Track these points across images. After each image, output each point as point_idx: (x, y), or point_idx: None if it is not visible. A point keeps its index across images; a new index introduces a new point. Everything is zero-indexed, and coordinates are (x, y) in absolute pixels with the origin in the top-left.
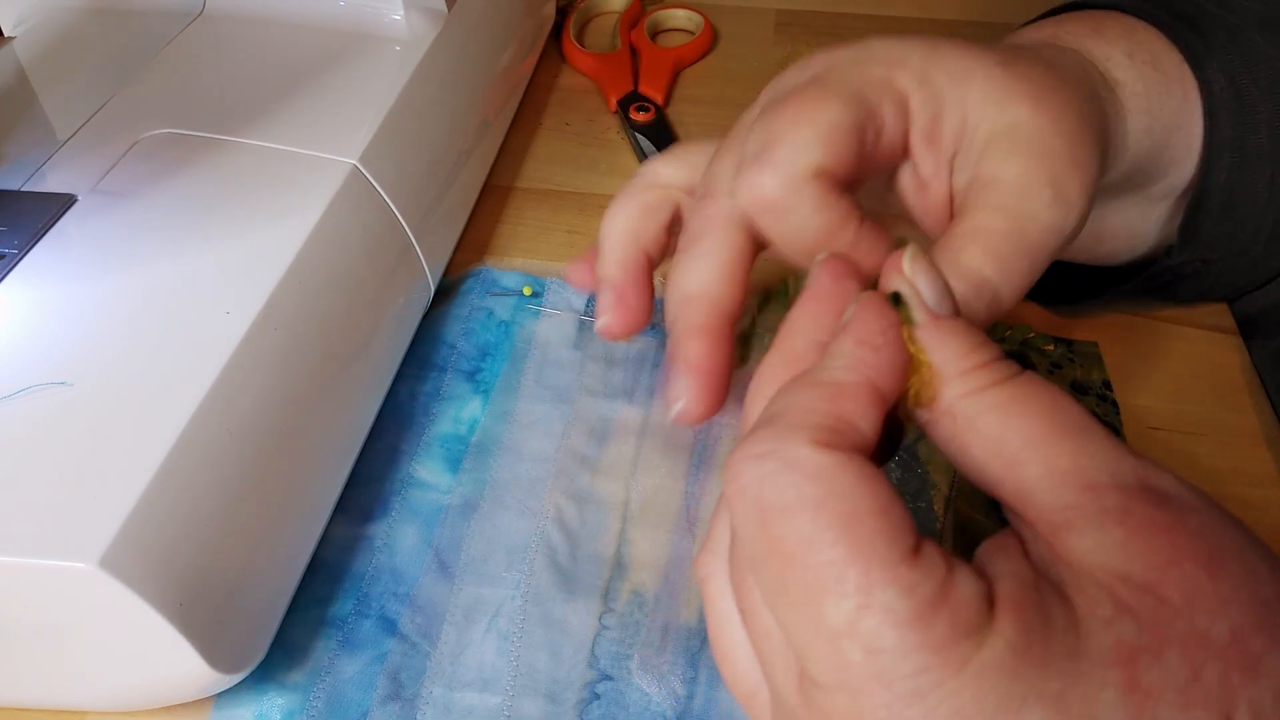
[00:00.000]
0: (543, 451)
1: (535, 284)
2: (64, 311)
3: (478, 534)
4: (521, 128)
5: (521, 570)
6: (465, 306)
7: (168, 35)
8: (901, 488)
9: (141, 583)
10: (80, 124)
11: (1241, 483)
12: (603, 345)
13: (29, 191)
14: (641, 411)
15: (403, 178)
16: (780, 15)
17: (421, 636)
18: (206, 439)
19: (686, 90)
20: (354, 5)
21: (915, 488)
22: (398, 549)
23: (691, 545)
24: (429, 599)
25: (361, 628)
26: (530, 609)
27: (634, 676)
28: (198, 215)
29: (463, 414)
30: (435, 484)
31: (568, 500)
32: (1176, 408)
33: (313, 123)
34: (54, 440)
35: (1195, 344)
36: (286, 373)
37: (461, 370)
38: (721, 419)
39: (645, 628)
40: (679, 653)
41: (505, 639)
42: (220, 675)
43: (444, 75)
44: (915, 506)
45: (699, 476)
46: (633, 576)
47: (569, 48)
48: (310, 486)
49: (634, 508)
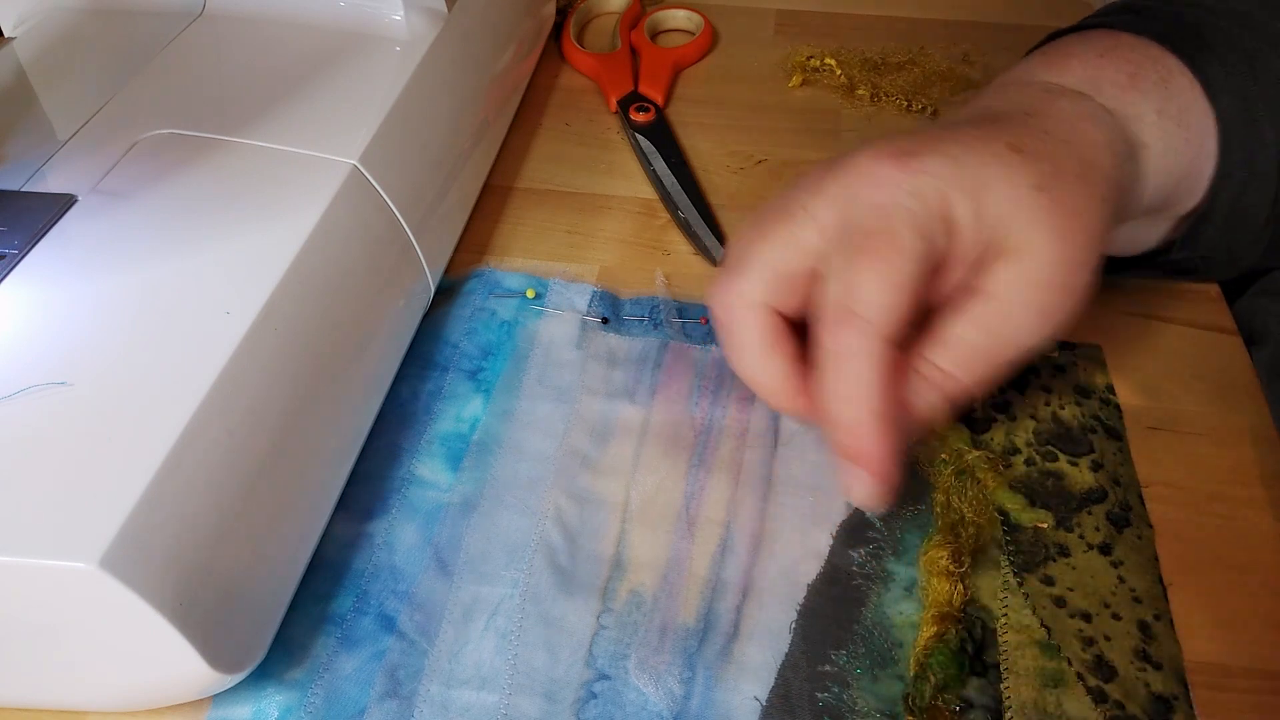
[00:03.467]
0: (543, 451)
1: (538, 285)
2: (64, 311)
3: (477, 532)
4: (521, 128)
5: (520, 569)
6: (468, 306)
7: (168, 35)
8: (901, 490)
9: (141, 583)
10: (80, 124)
11: (1241, 483)
12: (605, 345)
13: (29, 191)
14: (643, 411)
15: (403, 178)
16: (780, 15)
17: (420, 634)
18: (206, 439)
19: (686, 90)
20: (354, 5)
21: (915, 491)
22: (397, 547)
23: (691, 546)
24: (428, 597)
25: (360, 625)
26: (529, 608)
27: (631, 676)
28: (198, 215)
29: (464, 413)
30: (436, 482)
31: (568, 499)
32: (1176, 408)
33: (313, 123)
34: (54, 440)
35: (1195, 344)
36: (286, 373)
37: (463, 369)
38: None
39: (643, 628)
40: (677, 653)
41: (503, 637)
42: (220, 675)
43: (444, 75)
44: (915, 509)
45: (699, 477)
46: (631, 576)
47: (569, 48)
48: (310, 486)
49: (634, 508)
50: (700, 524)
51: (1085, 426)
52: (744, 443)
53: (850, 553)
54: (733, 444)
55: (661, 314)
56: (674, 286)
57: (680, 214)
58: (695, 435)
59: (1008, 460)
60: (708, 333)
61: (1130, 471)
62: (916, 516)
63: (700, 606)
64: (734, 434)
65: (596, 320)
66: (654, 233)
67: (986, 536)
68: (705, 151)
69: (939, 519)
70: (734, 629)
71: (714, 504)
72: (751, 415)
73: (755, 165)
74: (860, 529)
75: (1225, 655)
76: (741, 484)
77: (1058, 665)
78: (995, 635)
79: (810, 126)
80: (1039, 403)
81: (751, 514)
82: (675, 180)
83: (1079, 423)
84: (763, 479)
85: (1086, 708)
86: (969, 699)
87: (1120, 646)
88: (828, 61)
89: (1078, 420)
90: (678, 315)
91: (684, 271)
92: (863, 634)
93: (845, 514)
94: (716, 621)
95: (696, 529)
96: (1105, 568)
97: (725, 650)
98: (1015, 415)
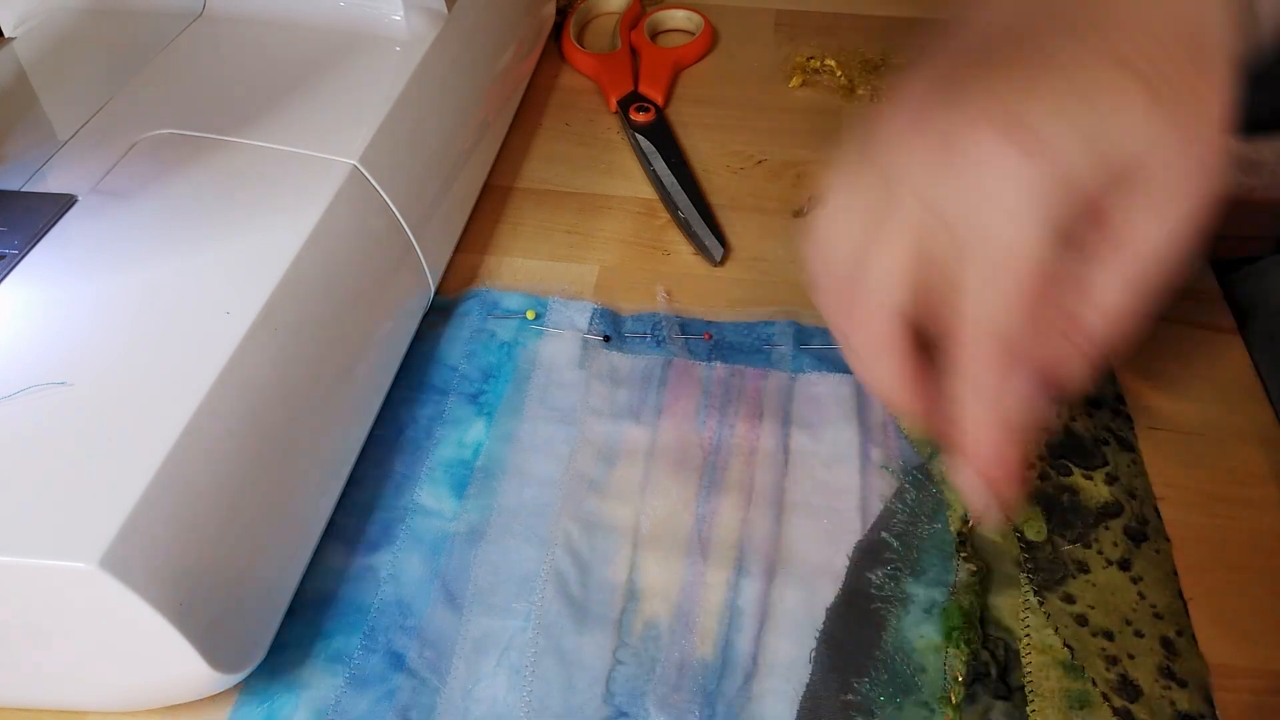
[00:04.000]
0: (549, 475)
1: (537, 305)
2: (64, 311)
3: (485, 562)
4: (521, 128)
5: (531, 600)
6: (466, 328)
7: (168, 35)
8: (917, 508)
9: (141, 583)
10: (80, 124)
11: (1241, 483)
12: (607, 364)
13: (29, 192)
14: (649, 432)
15: (403, 178)
16: (780, 15)
17: (431, 671)
18: (206, 439)
19: (686, 90)
20: (354, 5)
21: (930, 508)
22: (404, 579)
23: (705, 571)
24: (437, 632)
25: (369, 663)
26: (541, 641)
27: (651, 714)
28: (198, 215)
29: (466, 438)
30: (440, 510)
31: (576, 525)
32: (1176, 408)
33: (313, 123)
34: (54, 440)
35: (1195, 344)
36: (287, 372)
37: (464, 393)
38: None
39: (661, 663)
40: (695, 690)
41: (517, 673)
42: (220, 675)
43: (444, 75)
44: (931, 528)
45: (709, 499)
46: (646, 606)
47: (569, 48)
48: (311, 486)
49: (644, 532)
50: (713, 548)
51: (1097, 439)
52: (753, 462)
53: (868, 574)
54: (742, 464)
55: (664, 330)
56: (675, 301)
57: (680, 214)
58: (704, 455)
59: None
60: (711, 349)
61: (1145, 484)
62: (933, 535)
63: (718, 638)
64: (743, 453)
65: (598, 338)
66: (654, 233)
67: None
68: (705, 151)
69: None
70: (753, 663)
71: (726, 527)
72: (760, 434)
73: (755, 165)
74: (877, 550)
75: (1230, 656)
76: (753, 505)
77: (1083, 686)
78: (1018, 657)
79: (810, 127)
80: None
81: (765, 536)
82: (675, 180)
83: (1091, 435)
84: (774, 500)
85: None
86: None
87: (1144, 665)
88: (828, 62)
89: (1090, 432)
90: (680, 331)
91: (684, 272)
92: (884, 660)
93: (860, 534)
94: (735, 656)
95: (710, 553)
96: (1125, 584)
97: (745, 687)
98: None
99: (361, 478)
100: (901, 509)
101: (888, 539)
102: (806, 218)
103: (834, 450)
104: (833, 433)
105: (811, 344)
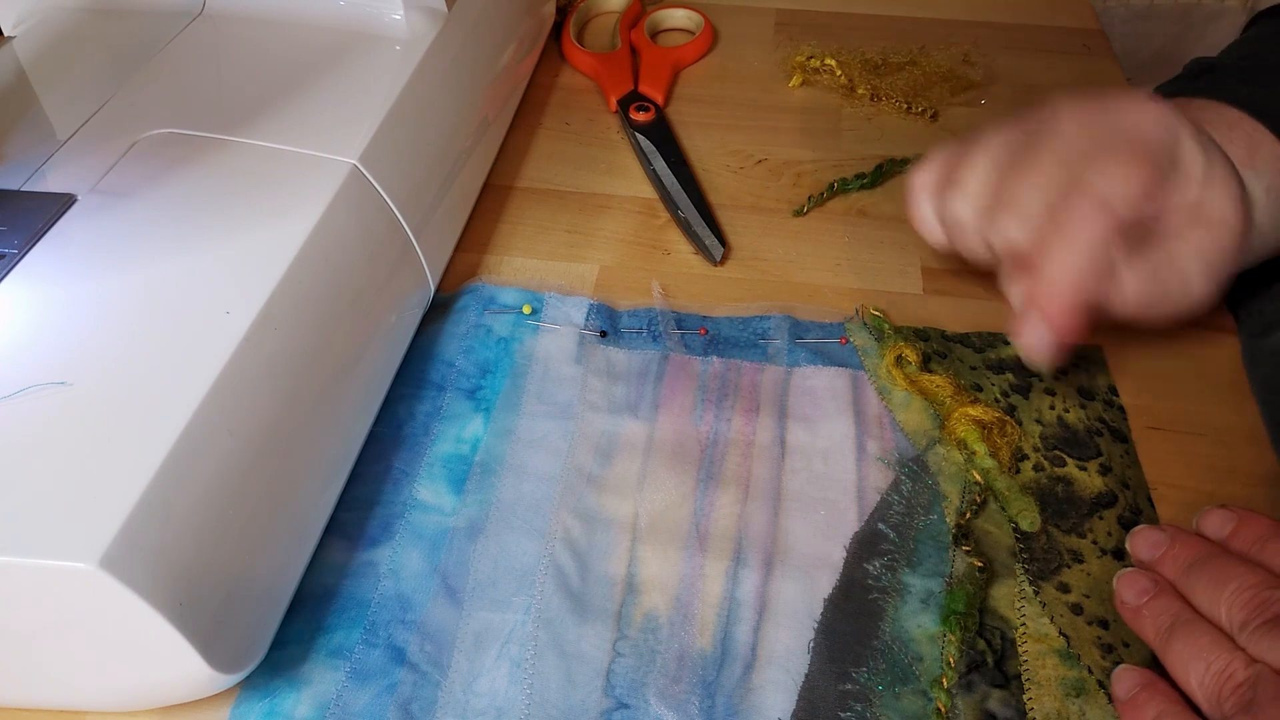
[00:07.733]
0: (547, 470)
1: (534, 300)
2: (64, 311)
3: (484, 556)
4: (521, 128)
5: (531, 594)
6: (463, 324)
7: (168, 35)
8: (913, 499)
9: (141, 583)
10: (80, 124)
11: (1241, 482)
12: (604, 359)
13: (29, 191)
14: (646, 426)
15: (403, 178)
16: (780, 15)
17: (432, 665)
18: (206, 439)
19: (686, 90)
20: (354, 5)
21: (926, 500)
22: (404, 574)
23: (703, 563)
24: (438, 626)
25: (370, 658)
26: (541, 634)
27: (651, 705)
28: (198, 215)
29: (464, 433)
30: (439, 506)
31: (575, 519)
32: (1176, 408)
33: (313, 123)
34: (54, 440)
35: (1195, 344)
36: (287, 372)
37: (462, 388)
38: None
39: (660, 655)
40: (695, 681)
41: (517, 666)
42: (220, 675)
43: (444, 75)
44: (927, 519)
45: (707, 492)
46: (645, 598)
47: (569, 48)
48: (311, 485)
49: (643, 526)
50: (711, 540)
51: (1091, 429)
52: (750, 455)
53: (865, 565)
54: (739, 457)
55: (660, 325)
56: (671, 296)
57: (680, 213)
58: (700, 449)
59: (1016, 466)
60: (707, 344)
61: (1138, 474)
62: (929, 527)
63: (717, 630)
64: (739, 447)
65: (594, 333)
66: (654, 232)
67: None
68: (705, 151)
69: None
70: (752, 654)
71: (724, 519)
72: (757, 427)
73: (755, 165)
74: (873, 541)
75: None
76: (751, 498)
77: (1079, 674)
78: (1015, 646)
79: (810, 126)
80: (1043, 406)
81: (762, 529)
82: (675, 180)
83: (1084, 426)
84: (771, 493)
85: (1110, 716)
86: (993, 712)
87: (1139, 653)
88: (828, 62)
89: (1083, 423)
90: (676, 326)
91: (684, 272)
92: (882, 649)
93: (857, 526)
94: (734, 647)
95: (708, 546)
96: (1119, 572)
97: (744, 678)
98: (1021, 420)
99: (360, 474)
100: (897, 500)
101: (884, 530)
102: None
103: (830, 443)
104: (829, 426)
105: (806, 338)
